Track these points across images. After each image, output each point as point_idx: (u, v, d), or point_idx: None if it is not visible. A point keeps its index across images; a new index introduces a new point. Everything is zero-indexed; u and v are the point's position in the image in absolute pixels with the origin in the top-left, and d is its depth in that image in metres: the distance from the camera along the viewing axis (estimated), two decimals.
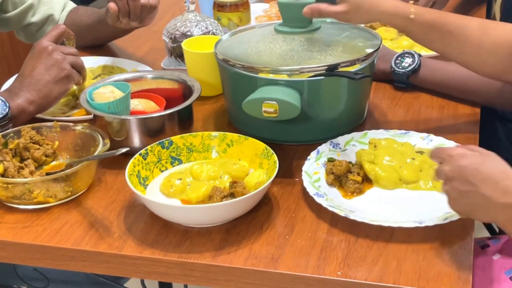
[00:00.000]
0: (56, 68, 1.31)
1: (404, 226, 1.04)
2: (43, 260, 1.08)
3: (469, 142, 1.25)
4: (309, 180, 1.15)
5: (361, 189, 1.16)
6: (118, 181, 1.21)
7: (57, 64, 1.31)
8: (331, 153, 1.23)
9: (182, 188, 1.15)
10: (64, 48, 1.35)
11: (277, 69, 1.24)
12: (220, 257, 1.02)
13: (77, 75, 1.34)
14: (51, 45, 1.33)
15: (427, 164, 1.19)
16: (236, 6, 1.70)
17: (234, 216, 1.09)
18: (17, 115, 1.28)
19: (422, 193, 1.16)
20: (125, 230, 1.09)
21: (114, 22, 1.56)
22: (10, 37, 2.38)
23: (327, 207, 1.08)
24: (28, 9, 1.69)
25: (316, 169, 1.20)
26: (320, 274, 0.99)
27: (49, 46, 1.32)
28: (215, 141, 1.24)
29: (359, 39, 1.35)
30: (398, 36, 1.78)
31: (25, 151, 1.22)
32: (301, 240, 1.06)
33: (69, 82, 1.33)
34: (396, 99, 1.49)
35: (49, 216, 1.13)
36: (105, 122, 1.26)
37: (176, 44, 1.61)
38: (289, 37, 1.32)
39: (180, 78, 1.38)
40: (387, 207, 1.12)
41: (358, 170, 1.18)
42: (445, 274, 0.98)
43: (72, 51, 1.35)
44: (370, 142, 1.25)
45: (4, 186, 1.12)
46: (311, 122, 1.27)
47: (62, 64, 1.31)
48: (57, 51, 1.32)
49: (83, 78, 1.38)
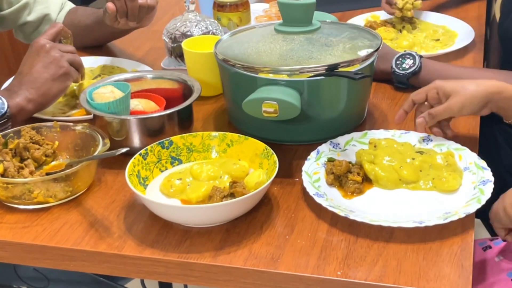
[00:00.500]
0: (54, 66, 1.30)
1: (404, 226, 1.04)
2: (43, 260, 1.08)
3: (468, 146, 1.25)
4: (309, 180, 1.15)
5: (361, 189, 1.16)
6: (118, 181, 1.21)
7: (55, 62, 1.31)
8: (331, 153, 1.23)
9: (182, 188, 1.15)
10: (62, 46, 1.35)
11: (277, 69, 1.24)
12: (220, 257, 1.02)
13: (75, 73, 1.35)
14: (48, 43, 1.33)
15: (427, 164, 1.19)
16: (236, 6, 1.70)
17: (234, 216, 1.09)
18: (16, 113, 1.28)
19: (422, 193, 1.16)
20: (125, 230, 1.09)
21: (112, 22, 1.56)
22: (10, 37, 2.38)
23: (327, 207, 1.08)
24: (23, 7, 1.69)
25: (316, 169, 1.20)
26: (320, 274, 0.99)
27: (47, 44, 1.32)
28: (215, 141, 1.24)
29: (359, 39, 1.35)
30: (398, 36, 1.78)
31: (25, 151, 1.22)
32: (301, 240, 1.06)
33: (67, 80, 1.33)
34: (396, 99, 1.49)
35: (49, 216, 1.13)
36: (105, 122, 1.26)
37: (176, 44, 1.61)
38: (289, 37, 1.32)
39: (180, 78, 1.38)
40: (387, 207, 1.12)
41: (358, 170, 1.18)
42: (445, 274, 0.98)
43: (70, 49, 1.36)
44: (370, 142, 1.25)
45: (4, 186, 1.12)
46: (311, 122, 1.27)
47: (60, 61, 1.31)
48: (55, 49, 1.32)
49: (82, 76, 1.38)
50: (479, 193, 1.11)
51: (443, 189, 1.15)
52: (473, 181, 1.15)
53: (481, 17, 1.93)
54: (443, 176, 1.16)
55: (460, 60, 1.67)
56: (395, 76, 1.50)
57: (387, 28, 1.80)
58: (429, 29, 1.84)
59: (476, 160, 1.19)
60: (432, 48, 1.73)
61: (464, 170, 1.19)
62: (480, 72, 1.49)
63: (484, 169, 1.17)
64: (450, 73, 1.46)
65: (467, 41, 1.72)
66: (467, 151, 1.22)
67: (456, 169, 1.18)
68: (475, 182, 1.15)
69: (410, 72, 1.48)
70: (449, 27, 1.84)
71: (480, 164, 1.18)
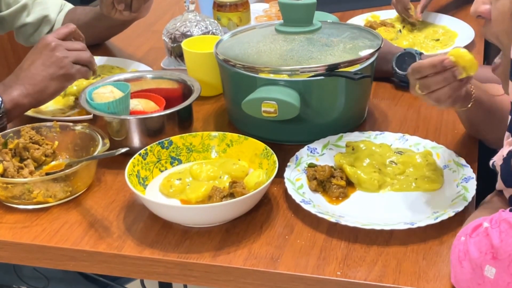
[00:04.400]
0: (55, 66, 1.29)
1: (397, 228, 1.04)
2: (43, 260, 1.08)
3: (468, 143, 1.25)
4: (293, 187, 1.14)
5: (346, 193, 1.15)
6: (118, 181, 1.21)
7: (57, 62, 1.29)
8: (309, 158, 1.22)
9: (181, 188, 1.15)
10: (70, 44, 1.32)
11: (277, 69, 1.24)
12: (220, 257, 1.02)
13: (81, 73, 1.32)
14: (55, 42, 1.31)
15: (409, 165, 1.19)
16: (236, 6, 1.70)
17: (233, 216, 1.09)
18: (11, 109, 1.26)
19: (406, 194, 1.15)
20: (125, 230, 1.09)
21: (109, 11, 1.55)
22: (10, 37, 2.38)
23: (316, 213, 1.07)
24: (22, 9, 1.68)
25: (298, 175, 1.18)
26: (320, 274, 0.99)
27: (53, 42, 1.30)
28: (214, 141, 1.24)
29: (359, 39, 1.35)
30: (398, 36, 1.78)
31: (24, 151, 1.22)
32: (300, 240, 1.06)
33: (67, 81, 1.31)
34: (396, 99, 1.49)
35: (49, 216, 1.13)
36: (104, 122, 1.26)
37: (176, 44, 1.61)
38: (289, 37, 1.32)
39: (180, 78, 1.38)
40: (375, 210, 1.12)
41: (341, 174, 1.17)
42: (445, 274, 0.97)
43: (78, 46, 1.33)
44: (346, 145, 1.24)
45: (3, 186, 1.12)
46: (311, 122, 1.27)
47: (62, 62, 1.29)
48: (60, 48, 1.30)
49: (93, 72, 1.35)
50: (463, 191, 1.11)
51: (427, 189, 1.15)
52: (454, 178, 1.15)
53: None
54: (425, 175, 1.16)
55: None
56: (396, 77, 1.50)
57: (387, 28, 1.80)
58: (429, 29, 1.84)
59: (454, 158, 1.19)
60: (432, 48, 1.73)
61: (444, 168, 1.19)
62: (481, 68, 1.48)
63: (464, 166, 1.17)
64: None
65: (467, 41, 1.71)
66: (444, 149, 1.22)
67: (436, 168, 1.18)
68: (456, 180, 1.15)
69: None
70: (449, 27, 1.84)
71: (459, 162, 1.18)
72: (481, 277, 0.88)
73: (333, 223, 1.07)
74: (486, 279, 0.87)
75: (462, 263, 0.90)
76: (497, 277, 0.86)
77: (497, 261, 0.86)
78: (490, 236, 0.87)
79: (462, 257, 0.91)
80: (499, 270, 0.86)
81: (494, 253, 0.86)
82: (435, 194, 1.15)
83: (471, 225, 0.93)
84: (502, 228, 0.86)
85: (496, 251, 0.86)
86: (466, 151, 1.25)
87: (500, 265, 0.86)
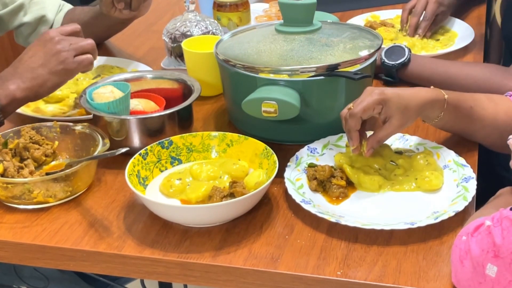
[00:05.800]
0: (55, 60, 1.26)
1: (397, 228, 1.04)
2: (43, 260, 1.08)
3: (468, 143, 1.25)
4: (293, 187, 1.14)
5: (346, 193, 1.15)
6: (118, 181, 1.21)
7: (57, 56, 1.26)
8: (309, 158, 1.22)
9: (181, 188, 1.15)
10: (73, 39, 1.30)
11: (277, 69, 1.24)
12: (220, 257, 1.02)
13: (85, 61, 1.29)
14: (58, 36, 1.29)
15: (409, 164, 1.19)
16: (236, 6, 1.70)
17: (233, 216, 1.09)
18: (7, 104, 1.24)
19: (407, 194, 1.15)
20: (125, 230, 1.09)
21: (109, 9, 1.55)
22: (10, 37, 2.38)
23: (316, 213, 1.07)
24: (18, 8, 1.68)
25: (298, 175, 1.18)
26: (320, 274, 0.99)
27: (56, 37, 1.28)
28: (215, 141, 1.24)
29: (359, 39, 1.35)
30: (398, 36, 1.78)
31: (25, 151, 1.22)
32: (300, 240, 1.06)
33: (66, 76, 1.29)
34: None
35: (49, 216, 1.13)
36: (105, 122, 1.26)
37: (176, 44, 1.61)
38: (289, 37, 1.32)
39: (180, 78, 1.38)
40: (375, 210, 1.12)
41: (341, 174, 1.17)
42: (445, 274, 0.97)
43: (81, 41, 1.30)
44: (346, 145, 1.24)
45: (4, 186, 1.12)
46: (311, 122, 1.27)
47: (63, 56, 1.27)
48: (63, 42, 1.28)
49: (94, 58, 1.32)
50: (463, 191, 1.11)
51: (427, 189, 1.15)
52: (454, 178, 1.15)
53: (481, 17, 1.93)
54: (425, 175, 1.16)
55: (460, 60, 1.67)
56: (384, 67, 1.51)
57: (387, 28, 1.80)
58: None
59: (454, 158, 1.19)
60: (432, 48, 1.72)
61: (444, 168, 1.19)
62: (466, 66, 1.49)
63: (464, 166, 1.17)
64: (437, 66, 1.47)
65: (467, 41, 1.71)
66: (444, 149, 1.22)
67: (437, 168, 1.18)
68: (457, 180, 1.15)
69: (400, 63, 1.49)
70: (449, 27, 1.84)
71: (459, 162, 1.18)
72: (482, 276, 0.88)
73: (333, 223, 1.07)
74: (487, 278, 0.87)
75: (463, 262, 0.90)
76: (498, 275, 0.86)
77: (499, 259, 0.86)
78: (492, 234, 0.87)
79: (463, 256, 0.91)
80: (501, 268, 0.86)
81: (496, 251, 0.86)
82: (435, 194, 1.15)
83: (472, 225, 0.93)
84: (504, 226, 0.86)
85: (498, 249, 0.86)
86: (466, 151, 1.25)
87: (502, 263, 0.86)
